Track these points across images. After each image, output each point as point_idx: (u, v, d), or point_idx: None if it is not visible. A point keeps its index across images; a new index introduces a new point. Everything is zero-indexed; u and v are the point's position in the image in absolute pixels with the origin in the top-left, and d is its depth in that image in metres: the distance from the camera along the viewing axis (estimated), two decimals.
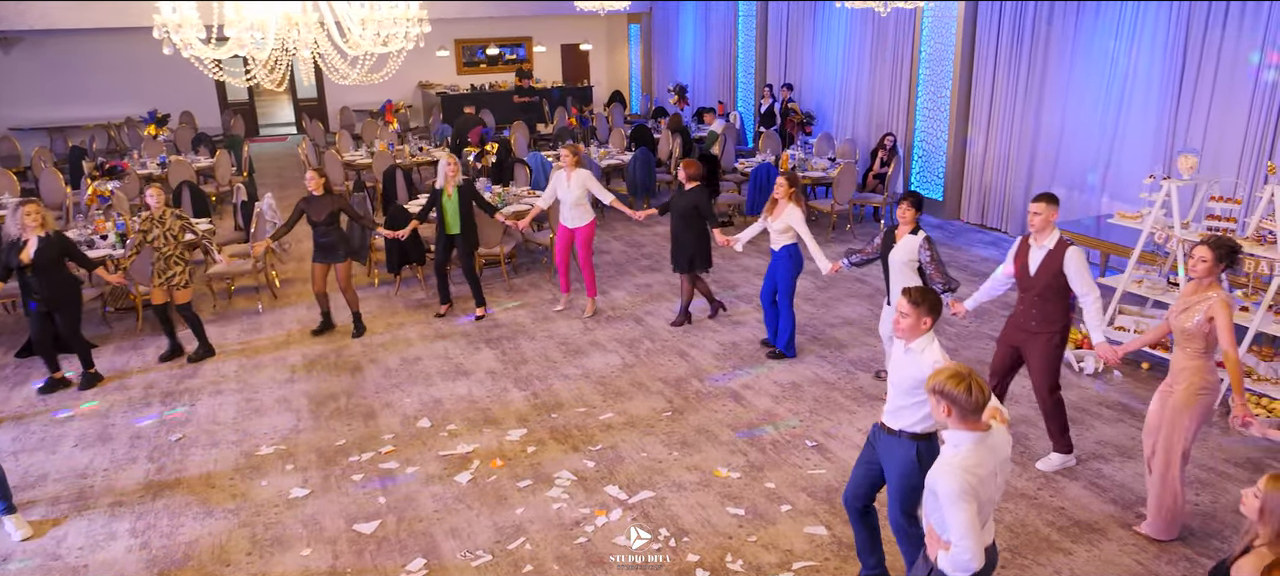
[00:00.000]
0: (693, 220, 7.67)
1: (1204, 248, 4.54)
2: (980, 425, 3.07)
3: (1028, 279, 5.39)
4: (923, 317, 3.82)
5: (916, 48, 12.02)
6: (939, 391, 3.05)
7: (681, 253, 7.83)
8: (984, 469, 3.05)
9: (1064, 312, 5.39)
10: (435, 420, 6.53)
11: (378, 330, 8.35)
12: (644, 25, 20.66)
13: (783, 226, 7.01)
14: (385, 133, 14.92)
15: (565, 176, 8.17)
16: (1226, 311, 4.40)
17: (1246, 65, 8.09)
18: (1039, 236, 5.35)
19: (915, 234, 6.08)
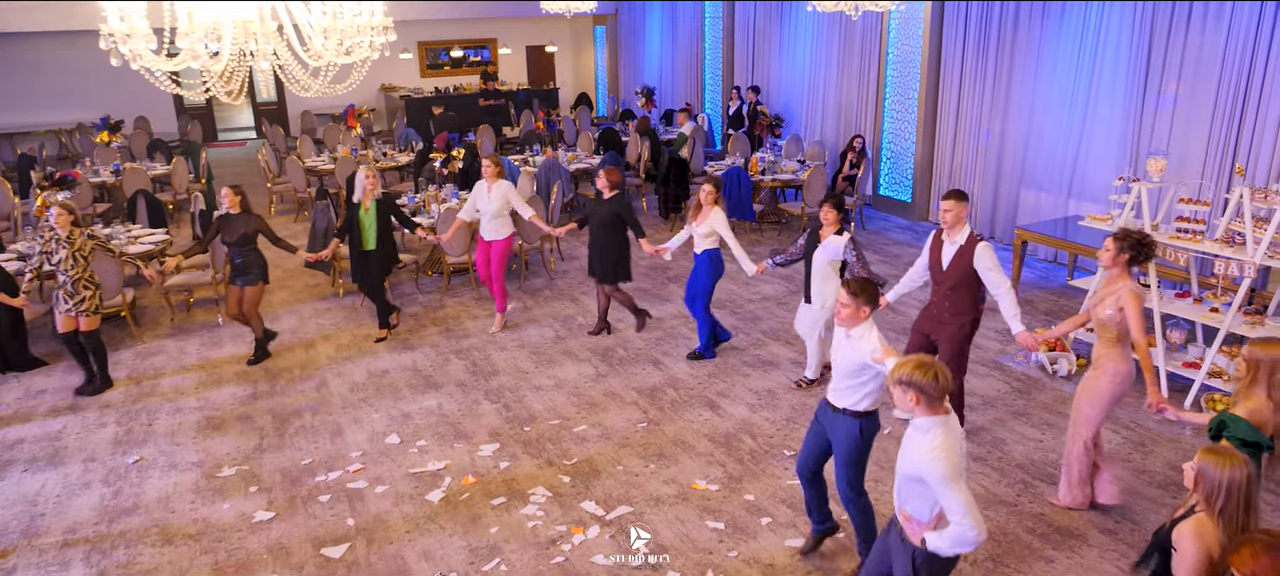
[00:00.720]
0: (615, 229, 7.54)
1: (1110, 238, 4.79)
2: (944, 409, 3.27)
3: (940, 272, 5.62)
4: (861, 307, 4.12)
5: (883, 50, 12.04)
6: (906, 382, 3.22)
7: (601, 261, 7.66)
8: (958, 445, 3.25)
9: (974, 304, 5.61)
10: (405, 436, 6.36)
11: (344, 342, 8.13)
12: (610, 27, 20.53)
13: (707, 231, 7.10)
14: (348, 137, 14.64)
15: (486, 188, 7.88)
16: (1135, 302, 4.64)
17: (1210, 67, 8.17)
18: (951, 232, 5.56)
19: (840, 234, 6.27)
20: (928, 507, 3.32)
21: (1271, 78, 7.66)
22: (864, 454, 4.33)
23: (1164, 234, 6.74)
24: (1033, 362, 7.28)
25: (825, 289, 6.41)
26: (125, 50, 3.57)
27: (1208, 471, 3.11)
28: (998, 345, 7.68)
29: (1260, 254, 5.93)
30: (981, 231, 11.00)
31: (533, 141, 14.48)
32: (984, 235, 6.41)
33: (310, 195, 12.41)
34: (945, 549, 3.28)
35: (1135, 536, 4.97)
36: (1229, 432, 3.72)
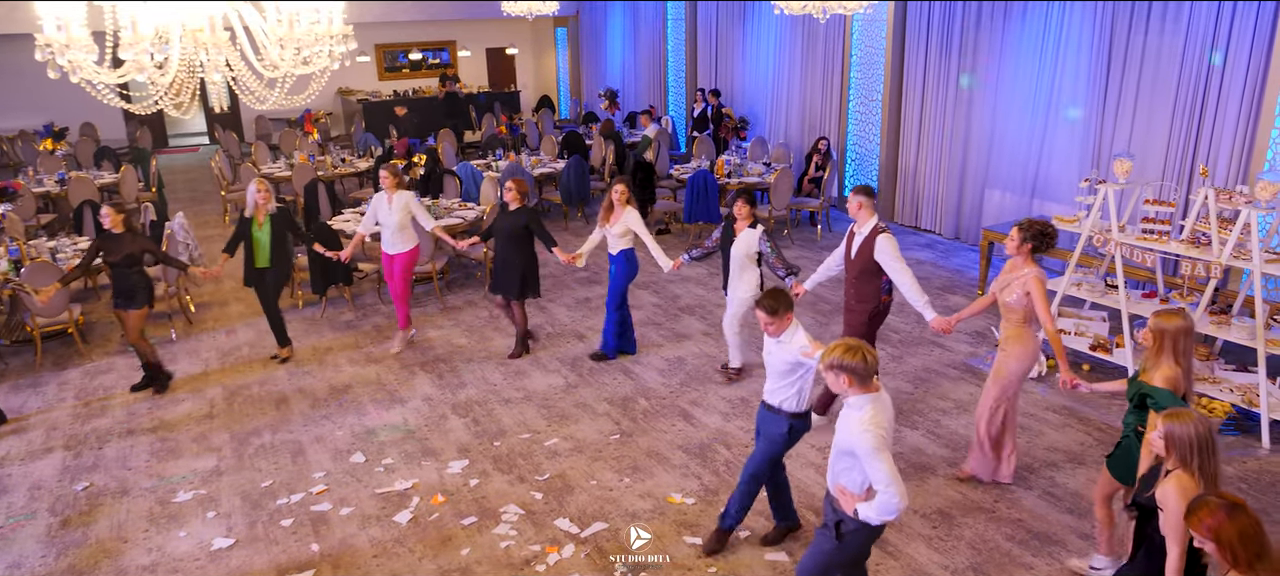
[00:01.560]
0: (523, 243, 7.31)
1: (1015, 227, 5.13)
2: (874, 387, 3.50)
3: (849, 261, 5.99)
4: (782, 317, 4.34)
5: (847, 51, 12.05)
6: (836, 366, 3.43)
7: (509, 278, 7.39)
8: (886, 421, 3.47)
9: (877, 294, 5.92)
10: (370, 454, 6.16)
11: (304, 356, 7.88)
12: (571, 29, 20.37)
13: (622, 231, 7.12)
14: (305, 143, 14.29)
15: (386, 199, 7.57)
16: (1040, 286, 5.01)
17: (1169, 67, 8.27)
18: (859, 224, 5.90)
19: (754, 228, 6.55)
20: (859, 478, 3.54)
21: (1229, 77, 7.76)
22: (783, 449, 4.62)
23: (1130, 235, 6.79)
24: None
25: (741, 281, 6.67)
26: (63, 61, 3.35)
27: (1176, 433, 3.28)
28: (968, 348, 7.69)
29: (1226, 255, 5.98)
30: (947, 232, 11.06)
31: (495, 146, 14.27)
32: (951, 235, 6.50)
33: None
34: (874, 517, 3.48)
35: None
36: (1153, 402, 3.99)
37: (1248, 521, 2.79)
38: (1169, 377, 4.01)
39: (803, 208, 11.45)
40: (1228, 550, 2.79)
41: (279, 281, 7.58)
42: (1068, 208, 9.35)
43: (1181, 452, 3.28)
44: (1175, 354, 4.04)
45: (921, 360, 7.49)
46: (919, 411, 6.55)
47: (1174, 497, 3.23)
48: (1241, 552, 2.77)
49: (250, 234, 7.33)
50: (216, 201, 13.07)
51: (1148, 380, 4.08)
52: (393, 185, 7.56)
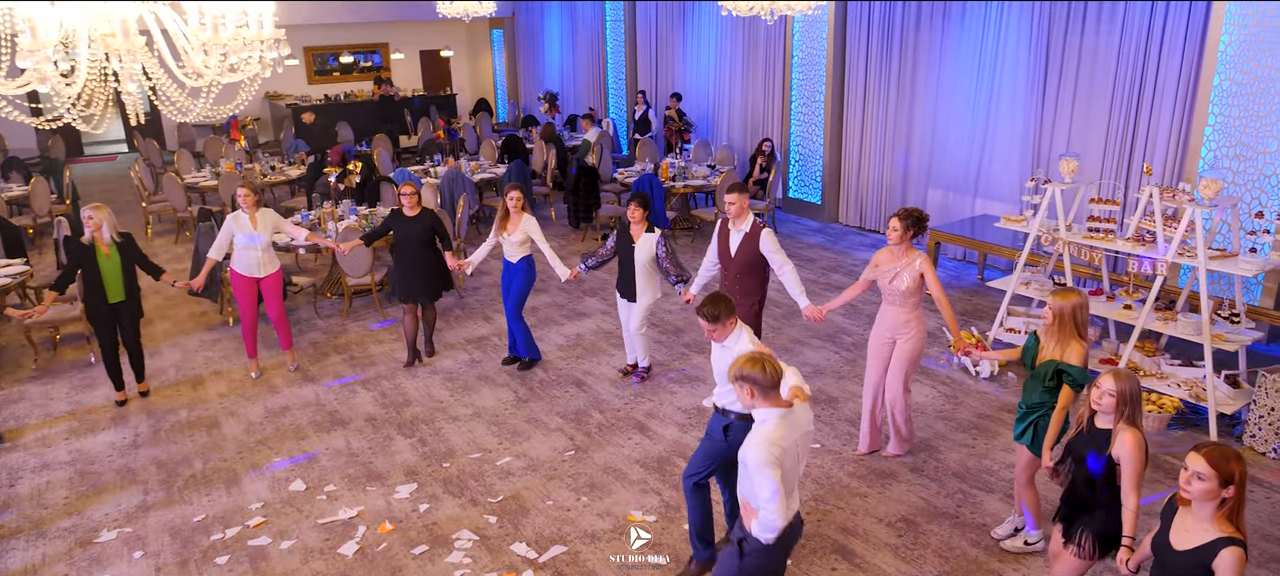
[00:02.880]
0: (428, 246, 7.21)
1: (895, 219, 5.37)
2: (782, 402, 3.39)
3: (728, 259, 6.10)
4: (725, 323, 4.24)
5: (788, 52, 12.03)
6: (739, 377, 3.34)
7: (420, 283, 7.27)
8: (787, 440, 3.34)
9: (761, 286, 6.13)
10: (310, 481, 5.83)
11: (236, 378, 7.47)
12: (507, 30, 20.02)
13: (521, 238, 7.04)
14: (231, 151, 13.69)
15: (247, 219, 7.01)
16: (931, 266, 5.34)
17: (1106, 66, 8.40)
18: (736, 222, 6.05)
19: (651, 232, 6.60)
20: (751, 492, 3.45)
21: (1164, 76, 7.91)
22: (721, 453, 4.50)
23: (1077, 233, 6.84)
24: (955, 365, 7.30)
25: (648, 285, 6.72)
26: None
27: (1127, 391, 3.53)
28: None
29: (1172, 252, 6.05)
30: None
31: (433, 151, 13.89)
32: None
33: (191, 215, 11.51)
34: (759, 534, 3.39)
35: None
36: (1069, 378, 4.30)
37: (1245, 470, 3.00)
38: (1080, 354, 4.30)
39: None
40: (1240, 492, 2.93)
41: (138, 314, 6.92)
42: (1009, 206, 9.47)
43: (1131, 408, 3.54)
44: (1079, 330, 4.31)
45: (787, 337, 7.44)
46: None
47: (1132, 449, 3.48)
48: (1242, 495, 2.96)
49: (96, 264, 6.52)
50: (137, 213, 12.42)
51: (1060, 358, 4.33)
52: (254, 203, 7.03)
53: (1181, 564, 3.01)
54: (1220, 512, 2.95)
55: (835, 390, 6.92)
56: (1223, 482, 2.91)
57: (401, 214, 7.23)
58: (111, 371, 6.93)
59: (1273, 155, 7.25)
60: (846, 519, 5.24)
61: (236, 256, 7.14)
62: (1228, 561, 2.89)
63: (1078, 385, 4.29)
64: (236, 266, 7.16)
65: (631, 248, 6.62)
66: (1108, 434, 3.59)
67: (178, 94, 3.71)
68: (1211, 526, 2.97)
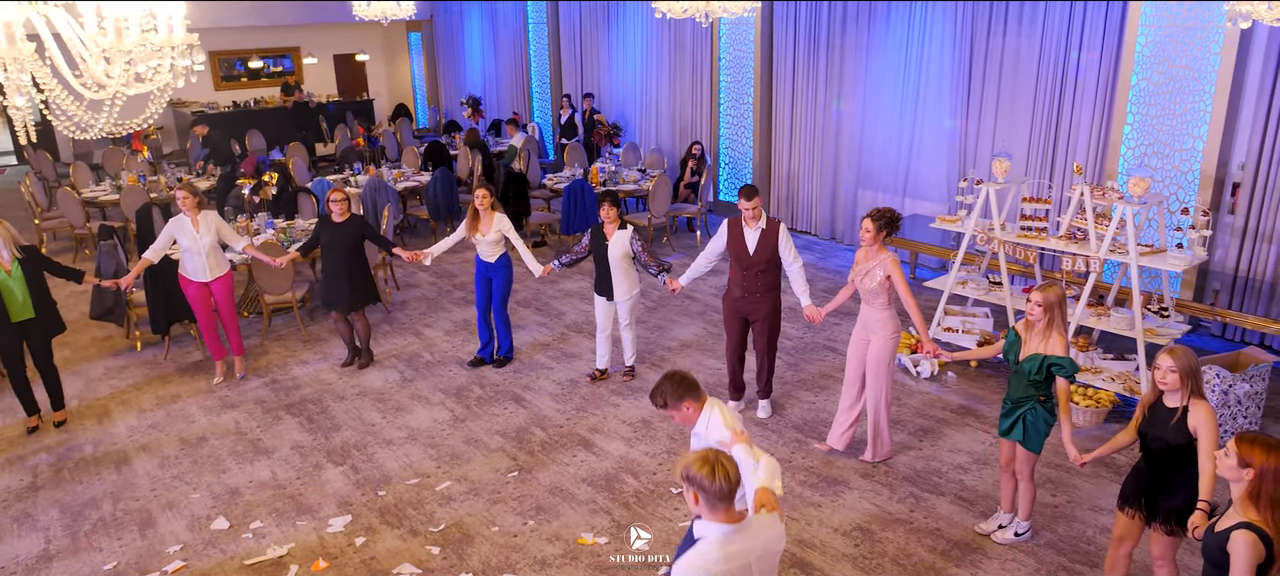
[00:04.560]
0: (357, 253, 7.16)
1: (867, 220, 5.42)
2: (732, 515, 2.79)
3: (748, 257, 6.11)
4: (682, 406, 3.63)
5: (716, 54, 11.98)
6: (686, 477, 2.77)
7: (346, 291, 7.18)
8: (731, 564, 2.73)
9: (779, 281, 6.22)
10: (234, 517, 5.43)
11: (146, 406, 6.97)
12: (425, 33, 19.50)
13: (495, 237, 7.03)
14: (134, 163, 12.90)
15: (189, 222, 6.84)
16: (898, 267, 5.39)
17: (1028, 66, 8.58)
18: (753, 220, 6.09)
19: (624, 229, 6.65)
20: None
21: (1084, 77, 8.11)
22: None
23: (1011, 233, 6.93)
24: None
25: (627, 281, 6.76)
26: None
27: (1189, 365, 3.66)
28: None
29: (1104, 250, 6.17)
30: (823, 233, 11.17)
31: (352, 159, 13.36)
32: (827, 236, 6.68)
33: (91, 232, 10.78)
34: None
35: (1029, 542, 4.95)
36: (1059, 370, 4.40)
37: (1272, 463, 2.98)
38: (1064, 345, 4.43)
39: (680, 214, 11.28)
40: (1261, 481, 2.97)
41: (48, 333, 6.44)
42: (938, 206, 9.61)
43: (1195, 381, 3.67)
44: (1062, 322, 4.46)
45: (817, 367, 7.41)
46: (825, 421, 6.43)
47: (1206, 418, 3.62)
48: (1270, 488, 2.96)
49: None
50: (30, 231, 11.57)
51: (1046, 351, 4.43)
52: (194, 205, 6.84)
53: (1212, 544, 3.11)
54: (1245, 496, 3.03)
55: (778, 395, 6.84)
56: (1242, 464, 3.03)
57: (329, 220, 7.12)
58: (21, 395, 6.50)
59: (1188, 153, 7.50)
60: (801, 530, 5.15)
61: (184, 261, 6.99)
62: (1238, 543, 2.97)
63: (1070, 375, 4.41)
64: (185, 272, 7.01)
65: (605, 245, 6.65)
66: (1174, 411, 3.73)
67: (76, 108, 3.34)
68: (1237, 511, 3.07)
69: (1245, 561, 2.92)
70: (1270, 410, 6.26)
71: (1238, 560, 2.94)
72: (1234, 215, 7.38)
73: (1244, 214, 7.30)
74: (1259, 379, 5.82)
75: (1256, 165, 7.14)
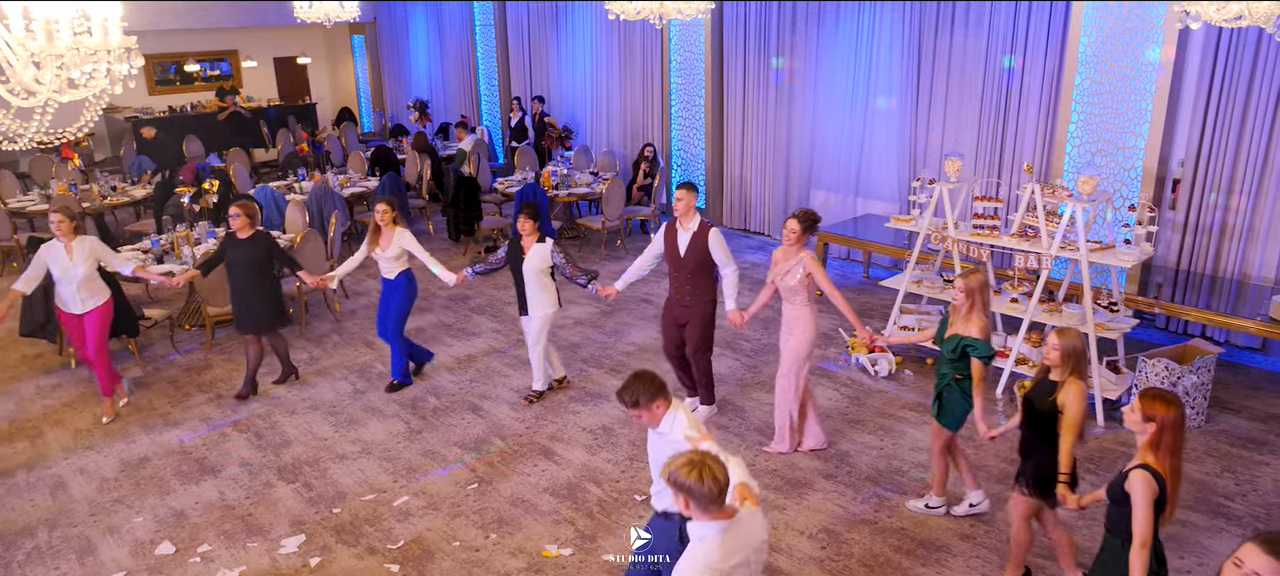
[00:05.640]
0: (264, 271, 6.74)
1: (793, 220, 5.53)
2: (723, 513, 2.90)
3: (679, 260, 6.05)
4: (653, 406, 3.60)
5: (666, 55, 11.95)
6: (673, 482, 2.85)
7: (252, 312, 6.81)
8: (732, 560, 2.89)
9: (712, 286, 6.14)
10: (180, 541, 5.20)
11: (82, 426, 6.66)
12: (369, 35, 19.11)
13: (397, 253, 6.74)
14: (64, 171, 12.38)
15: (62, 248, 6.28)
16: (817, 263, 5.53)
17: (975, 66, 8.71)
18: (683, 220, 6.01)
19: (543, 242, 6.41)
20: None
21: (1029, 77, 8.26)
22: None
23: (964, 231, 7.01)
24: (854, 365, 7.36)
25: (543, 298, 6.50)
26: None
27: (1072, 346, 4.00)
28: (819, 350, 7.69)
29: (1055, 247, 6.27)
30: (776, 234, 11.20)
31: (295, 165, 13.02)
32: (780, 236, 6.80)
33: (19, 244, 10.30)
34: None
35: (991, 537, 5.00)
36: (974, 350, 4.62)
37: (1181, 414, 3.33)
38: (983, 328, 4.65)
39: (634, 216, 11.22)
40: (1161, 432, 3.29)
41: None
42: (891, 205, 9.70)
43: (1077, 360, 3.99)
44: (984, 307, 4.67)
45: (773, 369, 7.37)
46: None
47: (1076, 399, 3.96)
48: (1170, 438, 3.29)
49: None
50: None
51: (965, 333, 4.67)
52: (70, 230, 6.30)
53: (1114, 484, 3.43)
54: (1146, 444, 3.35)
55: (740, 399, 6.82)
56: (1145, 419, 3.33)
57: (235, 237, 6.68)
58: None
59: (1131, 150, 7.68)
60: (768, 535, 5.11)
61: (57, 291, 6.46)
62: (1135, 482, 3.30)
63: (984, 356, 4.62)
64: (59, 303, 6.50)
65: (522, 258, 6.42)
66: (1054, 386, 4.05)
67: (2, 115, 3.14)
68: (1138, 456, 3.38)
69: (1143, 496, 3.26)
70: (1216, 399, 6.43)
71: (1137, 495, 3.28)
72: (1175, 211, 7.58)
73: (1184, 209, 7.51)
74: (1205, 370, 5.97)
75: (1196, 162, 7.35)
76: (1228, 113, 7.12)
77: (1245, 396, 6.62)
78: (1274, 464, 5.73)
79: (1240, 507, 5.28)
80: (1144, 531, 3.26)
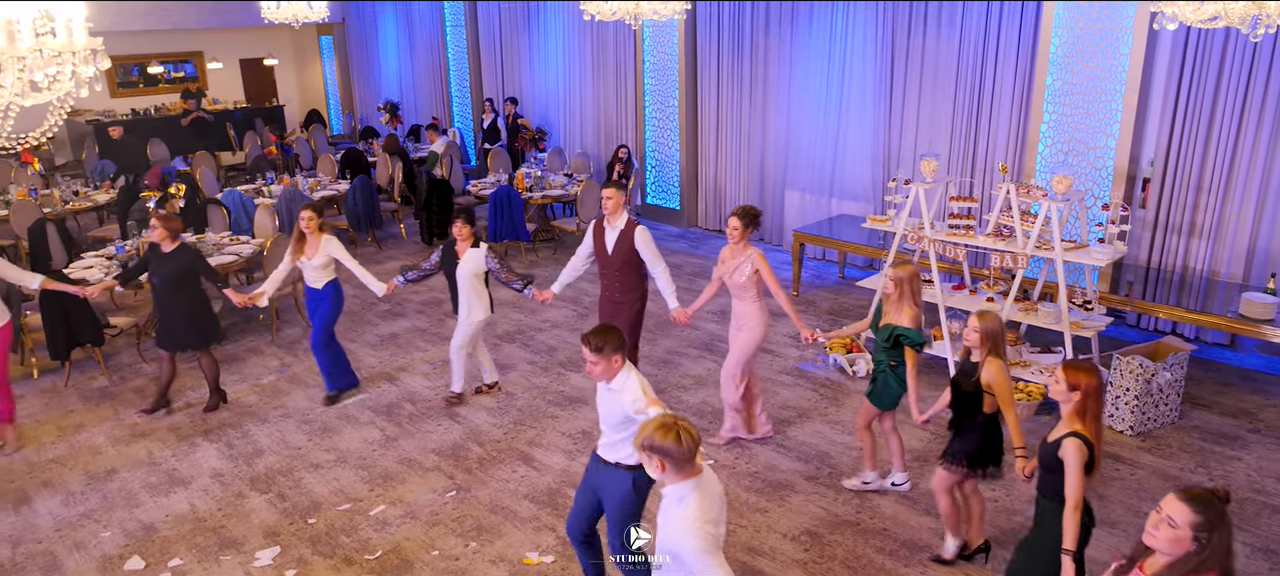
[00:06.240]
0: (189, 286, 6.41)
1: (734, 217, 5.65)
2: (696, 470, 3.04)
3: (607, 258, 6.08)
4: (611, 358, 3.81)
5: (639, 56, 11.91)
6: (650, 447, 2.95)
7: (181, 329, 6.46)
8: (714, 512, 3.03)
9: (640, 283, 6.15)
10: (150, 556, 5.07)
11: (46, 438, 6.47)
12: (337, 36, 18.87)
13: (323, 261, 6.52)
14: (24, 176, 12.07)
15: None
16: (764, 260, 5.66)
17: (947, 67, 8.77)
18: (611, 218, 6.05)
19: (477, 247, 6.38)
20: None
21: (1002, 77, 8.33)
22: (638, 509, 4.01)
23: (940, 231, 7.05)
24: (832, 365, 7.36)
25: (475, 304, 6.46)
26: None
27: (990, 328, 4.24)
28: (796, 352, 7.70)
29: (1030, 247, 6.32)
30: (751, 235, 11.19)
31: (264, 168, 12.81)
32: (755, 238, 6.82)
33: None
34: None
35: None
36: (906, 339, 4.85)
37: (1101, 382, 3.61)
38: (913, 317, 4.89)
39: None
40: (1085, 400, 3.53)
41: None
42: (865, 205, 9.74)
43: (994, 341, 4.23)
44: (913, 297, 4.89)
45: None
46: None
47: (999, 375, 4.21)
48: (1092, 405, 3.54)
49: None
50: None
51: (896, 322, 4.90)
52: None
53: (1046, 452, 3.65)
54: (1072, 413, 3.57)
55: (718, 402, 6.79)
56: (1070, 388, 3.55)
57: (158, 249, 6.34)
58: None
59: (1102, 150, 7.77)
60: (750, 537, 5.10)
61: None
62: (1068, 448, 3.52)
63: (916, 344, 4.88)
64: None
65: (456, 263, 6.38)
66: (976, 366, 4.31)
67: None
68: (1065, 424, 3.59)
69: (1075, 461, 3.49)
70: (1188, 396, 6.52)
71: (1070, 461, 3.50)
72: (1145, 209, 7.68)
73: (1154, 208, 7.61)
74: (1178, 367, 6.05)
75: (1165, 161, 7.45)
76: (1196, 113, 7.22)
77: (1217, 392, 6.71)
78: (1246, 458, 5.82)
79: None
80: (1076, 493, 3.49)
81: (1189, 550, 2.65)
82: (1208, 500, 2.65)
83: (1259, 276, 7.18)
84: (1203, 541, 2.63)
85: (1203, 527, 2.63)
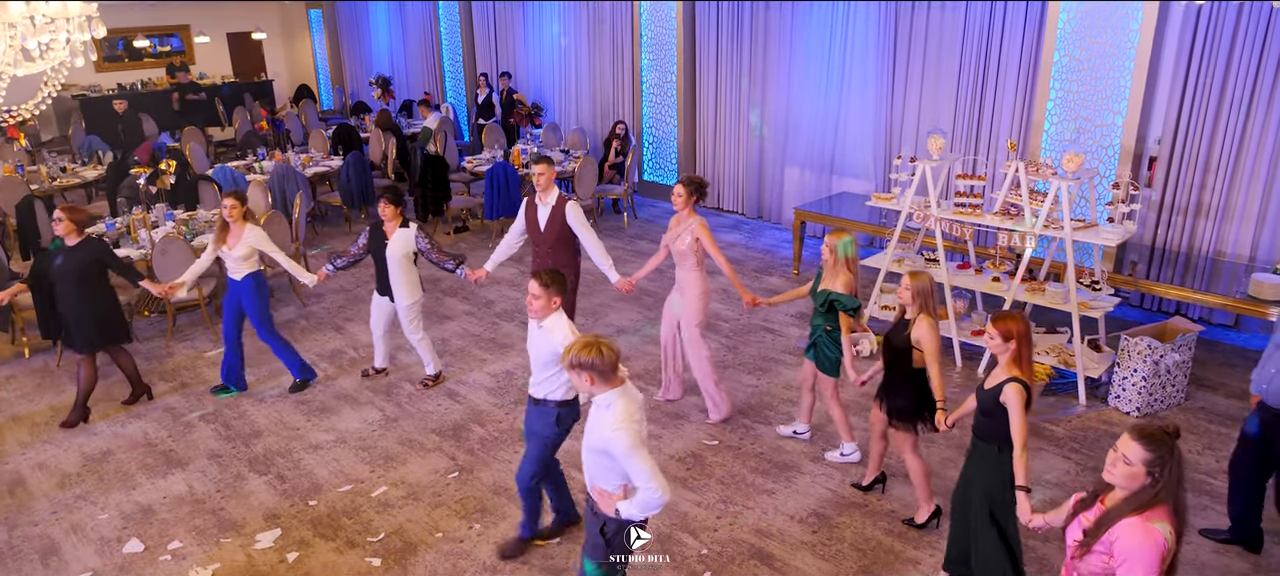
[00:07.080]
0: (93, 281, 5.99)
1: (680, 186, 5.72)
2: (619, 381, 3.36)
3: (539, 234, 6.13)
4: (552, 298, 4.16)
5: (637, 31, 11.74)
6: (576, 365, 3.29)
7: (88, 328, 6.03)
8: (638, 414, 3.34)
9: (573, 259, 6.19)
10: (149, 539, 4.98)
11: (40, 420, 6.36)
12: (327, 10, 18.58)
13: (246, 252, 6.22)
14: (9, 152, 11.85)
15: None
16: (706, 229, 5.75)
17: (952, 43, 8.65)
18: (543, 195, 6.09)
19: (406, 227, 6.30)
20: (616, 478, 3.40)
21: (1007, 54, 8.23)
22: (556, 443, 4.42)
23: (946, 210, 6.97)
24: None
25: (407, 281, 6.39)
26: None
27: (921, 287, 4.47)
28: (798, 331, 7.63)
29: (1039, 226, 6.25)
30: (750, 212, 11.12)
31: (254, 144, 12.61)
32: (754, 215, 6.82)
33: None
34: (636, 514, 3.37)
35: None
36: (840, 304, 5.07)
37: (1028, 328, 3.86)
38: (848, 283, 5.09)
39: (606, 195, 11.05)
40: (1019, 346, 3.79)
41: None
42: (866, 183, 9.66)
43: (925, 299, 4.46)
44: (848, 265, 5.08)
45: (756, 349, 7.33)
46: (768, 405, 6.35)
47: (928, 332, 4.44)
48: (1025, 350, 3.80)
49: None
50: None
51: (831, 287, 5.11)
52: None
53: (986, 397, 3.90)
54: (1010, 360, 3.81)
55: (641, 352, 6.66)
56: (1005, 339, 3.79)
57: (63, 242, 5.96)
58: None
59: (1108, 128, 7.69)
60: (758, 519, 5.04)
61: None
62: (1009, 392, 3.78)
63: (849, 309, 5.10)
64: None
65: (384, 244, 6.28)
66: (907, 323, 4.52)
67: None
68: (1004, 371, 3.83)
69: (1018, 405, 3.75)
70: (1195, 377, 6.49)
71: (1013, 406, 3.76)
72: (1151, 189, 7.62)
73: (1161, 188, 7.54)
74: (1186, 348, 6.01)
75: (1172, 140, 7.38)
76: (1206, 91, 7.14)
77: (1222, 374, 6.69)
78: None
79: (1222, 484, 5.30)
80: (1022, 435, 3.76)
81: (1143, 484, 2.81)
82: (1159, 437, 2.81)
83: (1266, 257, 7.14)
84: (1156, 476, 2.79)
85: (1154, 464, 2.79)
